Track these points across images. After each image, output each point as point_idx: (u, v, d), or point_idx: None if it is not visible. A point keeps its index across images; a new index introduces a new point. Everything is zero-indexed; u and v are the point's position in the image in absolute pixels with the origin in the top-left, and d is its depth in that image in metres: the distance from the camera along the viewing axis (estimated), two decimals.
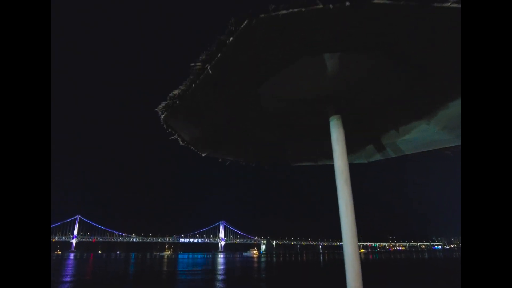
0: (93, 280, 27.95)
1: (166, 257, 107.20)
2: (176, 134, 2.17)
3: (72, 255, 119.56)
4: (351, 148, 2.63)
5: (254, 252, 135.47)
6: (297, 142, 2.99)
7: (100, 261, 69.92)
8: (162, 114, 1.90)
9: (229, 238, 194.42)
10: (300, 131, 2.76)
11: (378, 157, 3.09)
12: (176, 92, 1.73)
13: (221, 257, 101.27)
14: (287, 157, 3.13)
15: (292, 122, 2.61)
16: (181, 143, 2.34)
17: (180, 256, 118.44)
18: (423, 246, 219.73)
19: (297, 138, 2.90)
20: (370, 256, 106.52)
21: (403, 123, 2.75)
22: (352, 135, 2.40)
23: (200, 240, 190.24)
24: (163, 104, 1.83)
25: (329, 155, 2.12)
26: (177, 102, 1.77)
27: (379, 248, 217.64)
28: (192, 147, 2.45)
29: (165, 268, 43.60)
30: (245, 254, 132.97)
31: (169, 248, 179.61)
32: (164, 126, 2.04)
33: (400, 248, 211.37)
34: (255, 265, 51.99)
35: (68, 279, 28.17)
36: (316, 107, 2.28)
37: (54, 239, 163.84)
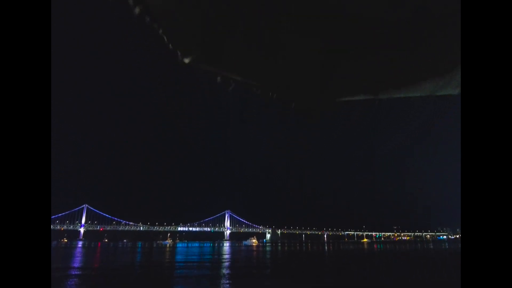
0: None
1: (168, 245, 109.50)
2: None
3: (80, 243, 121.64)
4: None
5: (254, 241, 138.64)
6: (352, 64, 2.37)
7: (108, 250, 70.96)
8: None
9: (234, 227, 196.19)
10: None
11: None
12: None
13: (226, 245, 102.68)
14: (335, 85, 2.56)
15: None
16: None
17: (179, 245, 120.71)
18: (428, 236, 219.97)
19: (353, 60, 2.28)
20: (375, 246, 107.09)
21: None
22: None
23: (206, 229, 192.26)
24: None
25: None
26: None
27: (383, 238, 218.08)
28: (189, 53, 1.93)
29: (167, 258, 44.15)
30: (244, 242, 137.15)
31: (174, 237, 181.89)
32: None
33: (405, 238, 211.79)
34: (254, 253, 52.54)
35: (75, 272, 28.47)
36: None
37: (63, 227, 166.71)
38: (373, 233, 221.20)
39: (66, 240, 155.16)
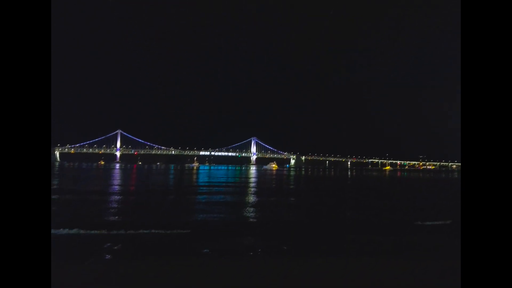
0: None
1: (194, 168, 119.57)
2: None
3: (117, 165, 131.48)
4: None
5: (273, 165, 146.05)
6: None
7: (143, 171, 76.67)
8: None
9: (260, 153, 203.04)
10: None
11: None
12: None
13: (252, 169, 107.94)
14: None
15: None
16: None
17: (202, 167, 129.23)
18: (454, 166, 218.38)
19: None
20: (398, 173, 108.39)
21: None
22: None
23: (233, 154, 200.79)
24: None
25: None
26: None
27: (408, 166, 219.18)
28: None
29: (194, 177, 47.65)
30: (264, 167, 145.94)
31: (203, 161, 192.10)
32: None
33: (430, 167, 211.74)
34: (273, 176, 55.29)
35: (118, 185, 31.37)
36: None
37: (101, 151, 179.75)
38: (398, 161, 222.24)
39: (103, 162, 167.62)
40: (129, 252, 8.03)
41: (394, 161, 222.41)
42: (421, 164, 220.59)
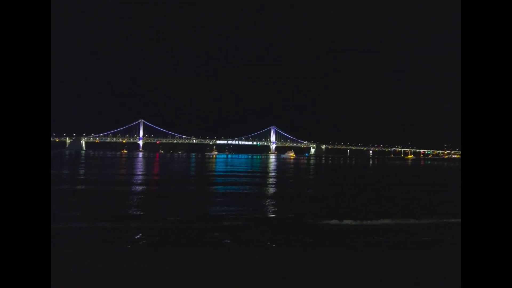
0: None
1: (213, 156, 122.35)
2: None
3: (140, 154, 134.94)
4: None
5: (291, 154, 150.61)
6: None
7: (165, 159, 78.35)
8: None
9: (279, 141, 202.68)
10: None
11: None
12: None
13: (271, 157, 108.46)
14: None
15: None
16: None
17: (219, 156, 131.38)
18: None
19: None
20: (421, 162, 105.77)
21: None
22: None
23: (253, 143, 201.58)
24: None
25: None
26: None
27: (432, 155, 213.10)
28: None
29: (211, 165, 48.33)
30: (282, 156, 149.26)
31: (223, 149, 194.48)
32: None
33: (455, 156, 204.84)
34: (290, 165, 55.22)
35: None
36: None
37: (124, 140, 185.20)
38: (421, 150, 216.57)
39: (126, 151, 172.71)
40: (151, 242, 8.10)
41: (417, 150, 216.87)
42: (445, 153, 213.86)
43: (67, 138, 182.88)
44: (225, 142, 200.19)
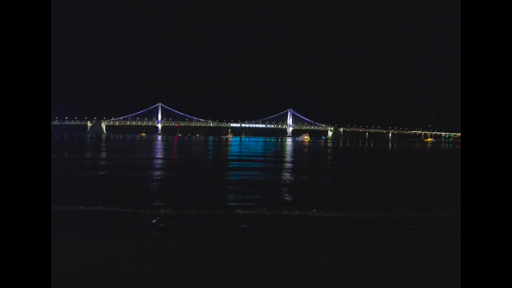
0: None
1: (228, 139, 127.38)
2: None
3: (159, 137, 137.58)
4: None
5: (306, 137, 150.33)
6: None
7: (183, 142, 79.48)
8: None
9: (296, 124, 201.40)
10: None
11: None
12: None
13: (287, 140, 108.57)
14: None
15: None
16: None
17: (233, 139, 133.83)
18: None
19: None
20: (442, 145, 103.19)
21: None
22: None
23: (269, 126, 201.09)
24: None
25: None
26: None
27: (453, 138, 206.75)
28: None
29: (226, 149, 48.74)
30: (297, 139, 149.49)
31: (239, 132, 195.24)
32: None
33: None
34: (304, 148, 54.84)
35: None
36: None
37: (143, 123, 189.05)
38: (442, 133, 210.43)
39: (144, 134, 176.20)
40: (172, 228, 8.30)
41: (438, 133, 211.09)
42: None
43: (88, 122, 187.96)
44: (241, 125, 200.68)
